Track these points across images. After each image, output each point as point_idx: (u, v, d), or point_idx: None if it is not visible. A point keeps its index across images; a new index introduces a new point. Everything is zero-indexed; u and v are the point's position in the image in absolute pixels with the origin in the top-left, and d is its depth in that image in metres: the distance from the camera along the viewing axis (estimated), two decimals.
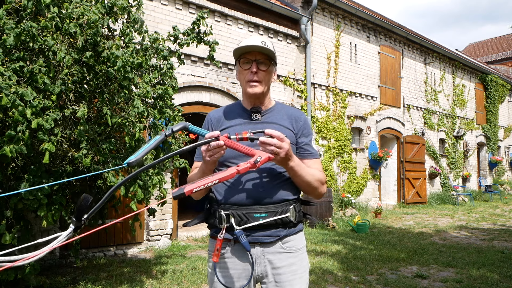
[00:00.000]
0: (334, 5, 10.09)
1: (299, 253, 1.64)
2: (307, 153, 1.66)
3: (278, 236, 1.58)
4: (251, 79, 1.60)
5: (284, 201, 1.59)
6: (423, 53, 13.74)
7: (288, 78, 9.17)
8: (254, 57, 1.60)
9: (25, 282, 3.78)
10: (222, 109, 1.75)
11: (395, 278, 4.54)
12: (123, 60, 3.26)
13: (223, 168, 1.60)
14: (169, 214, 6.71)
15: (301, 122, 1.70)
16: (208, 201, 1.67)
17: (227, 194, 1.58)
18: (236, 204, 1.55)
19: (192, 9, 7.42)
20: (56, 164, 3.42)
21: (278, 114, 1.69)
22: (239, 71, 1.66)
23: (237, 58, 1.64)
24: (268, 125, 1.63)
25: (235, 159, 1.57)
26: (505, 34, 30.12)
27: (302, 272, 1.63)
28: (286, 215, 1.57)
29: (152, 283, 4.34)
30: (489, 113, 17.40)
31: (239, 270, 1.58)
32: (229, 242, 1.58)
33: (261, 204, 1.55)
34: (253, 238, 1.55)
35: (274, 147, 1.42)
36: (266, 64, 1.61)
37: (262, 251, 1.58)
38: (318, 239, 6.75)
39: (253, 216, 1.53)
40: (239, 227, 1.53)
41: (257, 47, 1.57)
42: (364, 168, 11.01)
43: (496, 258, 5.50)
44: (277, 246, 1.59)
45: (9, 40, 2.79)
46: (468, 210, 11.35)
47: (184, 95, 7.23)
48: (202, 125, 1.76)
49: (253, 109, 1.67)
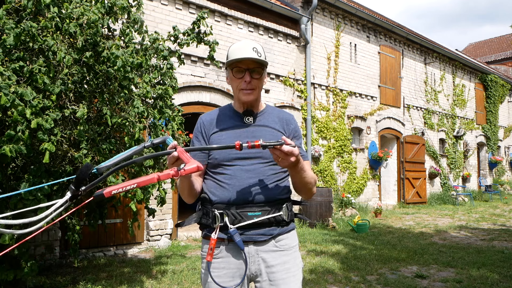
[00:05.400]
0: (334, 5, 10.09)
1: (292, 251, 1.66)
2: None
3: (272, 234, 1.60)
4: (244, 88, 1.62)
5: (277, 200, 1.62)
6: (423, 53, 13.74)
7: (288, 78, 9.16)
8: (247, 65, 1.60)
9: (24, 282, 3.78)
10: (214, 112, 1.76)
11: (395, 278, 4.54)
12: (123, 60, 3.26)
13: (217, 169, 1.64)
14: (169, 214, 6.71)
15: (292, 125, 1.74)
16: (201, 201, 1.69)
17: (221, 194, 1.60)
18: (230, 204, 1.57)
19: (192, 9, 7.42)
20: (56, 164, 3.42)
21: (270, 117, 1.72)
22: (231, 78, 1.66)
23: (229, 65, 1.64)
24: (260, 128, 1.67)
25: (229, 161, 1.61)
26: (505, 34, 30.12)
27: (296, 270, 1.65)
28: (279, 214, 1.60)
29: (152, 283, 4.33)
30: (489, 113, 17.40)
31: (233, 269, 1.59)
32: (223, 242, 1.60)
33: (255, 203, 1.57)
34: (247, 237, 1.57)
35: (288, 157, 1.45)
36: (259, 72, 1.62)
37: (256, 250, 1.59)
38: (318, 239, 6.75)
39: (247, 214, 1.56)
40: (233, 226, 1.54)
41: (249, 59, 1.57)
42: (364, 168, 11.01)
43: (496, 258, 5.50)
44: (270, 244, 1.61)
45: (9, 40, 2.79)
46: (468, 210, 11.35)
47: (184, 95, 7.23)
48: (195, 128, 1.76)
49: (245, 112, 1.69)
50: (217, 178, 1.63)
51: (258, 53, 1.59)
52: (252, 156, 1.61)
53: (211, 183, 1.65)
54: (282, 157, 1.44)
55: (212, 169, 1.66)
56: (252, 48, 1.58)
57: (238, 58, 1.57)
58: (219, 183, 1.62)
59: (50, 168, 3.36)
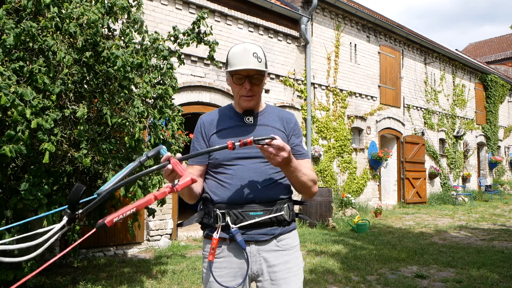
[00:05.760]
0: (334, 5, 10.09)
1: (294, 250, 1.66)
2: (298, 154, 1.69)
3: (273, 234, 1.61)
4: (245, 94, 1.62)
5: (279, 199, 1.63)
6: (423, 53, 13.74)
7: (288, 78, 9.16)
8: (247, 73, 1.59)
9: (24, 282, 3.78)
10: (214, 112, 1.76)
11: (395, 278, 4.54)
12: (123, 60, 3.26)
13: (218, 169, 1.64)
14: (169, 214, 6.71)
15: (291, 123, 1.74)
16: (202, 201, 1.69)
17: (223, 194, 1.60)
18: (232, 203, 1.58)
19: (192, 9, 7.42)
20: (56, 164, 3.42)
21: (270, 116, 1.72)
22: (231, 84, 1.66)
23: (229, 71, 1.63)
24: (260, 127, 1.67)
25: (230, 161, 1.61)
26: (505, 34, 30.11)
27: (297, 270, 1.66)
28: (280, 213, 1.61)
29: (152, 283, 4.33)
30: (489, 113, 17.40)
31: (235, 269, 1.59)
32: (225, 241, 1.60)
33: (257, 202, 1.58)
34: (249, 237, 1.57)
35: (279, 152, 1.45)
36: (259, 79, 1.62)
37: (257, 250, 1.60)
38: (318, 239, 6.75)
39: (249, 214, 1.56)
40: (235, 225, 1.55)
41: (251, 70, 1.57)
42: (364, 168, 11.01)
43: (496, 258, 5.50)
44: (272, 244, 1.61)
45: (9, 40, 2.79)
46: (468, 210, 11.34)
47: (184, 95, 7.23)
48: (195, 129, 1.76)
49: (245, 112, 1.69)
50: (219, 178, 1.63)
51: (259, 58, 1.59)
52: (253, 156, 1.61)
53: (212, 183, 1.65)
54: (273, 153, 1.43)
55: (213, 169, 1.66)
56: (253, 54, 1.57)
57: (239, 69, 1.57)
58: (220, 182, 1.62)
59: (50, 168, 3.36)
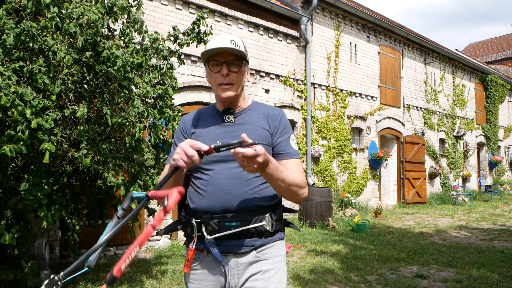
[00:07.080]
0: (334, 5, 10.09)
1: (277, 260, 1.53)
2: (283, 153, 1.53)
3: (253, 246, 1.48)
4: (222, 82, 1.51)
5: (259, 208, 1.48)
6: (423, 53, 13.74)
7: (288, 78, 9.16)
8: (224, 58, 1.49)
9: (24, 282, 3.78)
10: (196, 112, 1.67)
11: (395, 278, 4.54)
12: (123, 60, 3.26)
13: (196, 173, 1.53)
14: (169, 214, 6.71)
15: (277, 120, 1.59)
16: (184, 208, 1.59)
17: (198, 202, 1.50)
18: (208, 212, 1.46)
19: (192, 9, 7.42)
20: (56, 164, 3.42)
21: (254, 114, 1.59)
22: (209, 74, 1.55)
23: (206, 60, 1.53)
24: (241, 126, 1.55)
25: (207, 164, 1.50)
26: (505, 34, 30.11)
27: (278, 281, 1.51)
28: (261, 224, 1.47)
29: (152, 283, 4.33)
30: (489, 113, 17.40)
31: (213, 281, 1.50)
32: (202, 253, 1.51)
33: (233, 212, 1.45)
34: (226, 248, 1.46)
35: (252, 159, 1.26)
36: (237, 65, 1.51)
37: (235, 262, 1.48)
38: (318, 239, 6.75)
39: (224, 225, 1.44)
40: (210, 236, 1.45)
41: (226, 49, 1.46)
42: (364, 168, 11.01)
43: (496, 258, 5.50)
44: (251, 255, 1.49)
45: (9, 40, 2.79)
46: (468, 210, 11.34)
47: (184, 95, 7.24)
48: (177, 128, 1.70)
49: (225, 110, 1.57)
50: (196, 184, 1.53)
51: (237, 45, 1.48)
52: (232, 159, 1.39)
53: (190, 189, 1.56)
54: (246, 160, 1.24)
55: (192, 173, 1.56)
56: (230, 41, 1.48)
57: (213, 47, 1.46)
58: (197, 189, 1.51)
59: (50, 168, 3.36)
